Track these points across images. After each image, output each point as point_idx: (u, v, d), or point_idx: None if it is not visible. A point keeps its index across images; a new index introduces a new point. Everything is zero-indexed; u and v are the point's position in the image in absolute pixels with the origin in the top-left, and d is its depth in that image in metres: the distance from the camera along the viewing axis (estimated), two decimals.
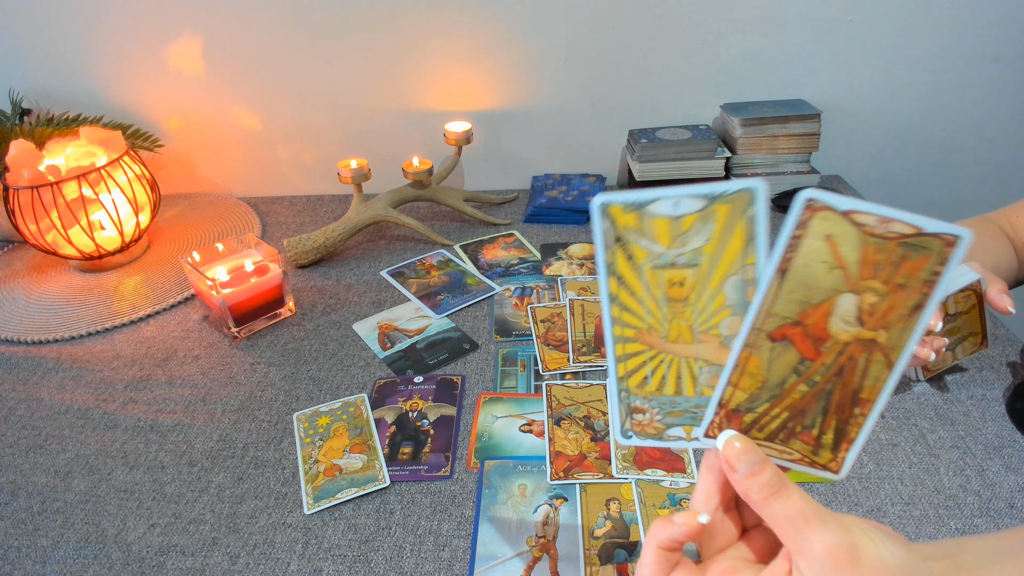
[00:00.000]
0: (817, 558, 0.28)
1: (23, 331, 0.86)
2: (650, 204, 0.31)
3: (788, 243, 0.30)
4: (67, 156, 0.95)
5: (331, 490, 0.60)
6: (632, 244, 0.32)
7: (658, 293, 0.33)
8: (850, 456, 0.33)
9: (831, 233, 0.30)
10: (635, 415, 0.35)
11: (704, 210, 0.31)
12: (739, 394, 0.33)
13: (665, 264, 0.32)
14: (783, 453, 0.33)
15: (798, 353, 0.32)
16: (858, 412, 0.32)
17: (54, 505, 0.61)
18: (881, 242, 0.29)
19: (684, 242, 0.32)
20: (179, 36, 1.06)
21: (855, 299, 0.30)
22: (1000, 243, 0.70)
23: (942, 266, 0.29)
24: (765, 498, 0.30)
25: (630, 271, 0.32)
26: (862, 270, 0.30)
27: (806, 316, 0.31)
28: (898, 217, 0.29)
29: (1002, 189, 1.17)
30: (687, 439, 0.35)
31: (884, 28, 1.03)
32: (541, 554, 0.53)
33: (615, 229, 0.32)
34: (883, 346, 0.31)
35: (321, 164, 1.18)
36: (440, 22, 1.04)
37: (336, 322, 0.84)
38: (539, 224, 1.05)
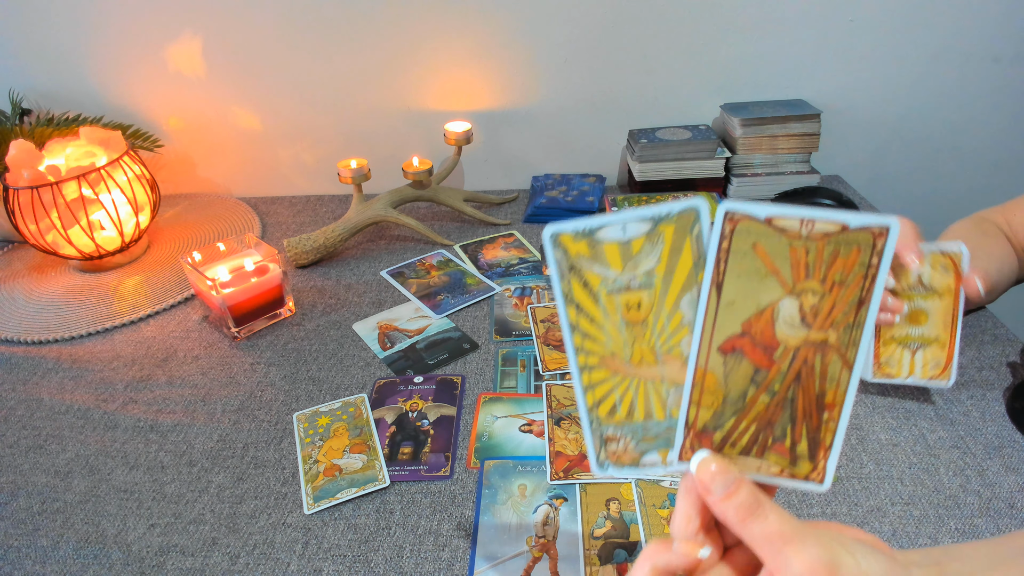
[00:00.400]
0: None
1: (23, 331, 0.86)
2: (599, 231, 0.32)
3: (716, 257, 0.30)
4: (67, 156, 0.95)
5: (331, 490, 0.60)
6: (586, 271, 0.32)
7: (616, 318, 0.33)
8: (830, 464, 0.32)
9: (756, 241, 0.30)
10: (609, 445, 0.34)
11: (651, 232, 0.31)
12: (703, 412, 0.33)
13: (620, 288, 0.33)
14: (761, 468, 0.33)
15: (751, 364, 0.32)
16: (827, 417, 0.32)
17: (54, 505, 0.61)
18: (808, 243, 0.30)
19: (636, 265, 0.32)
20: (179, 36, 1.06)
21: (795, 302, 0.31)
22: (1000, 244, 0.70)
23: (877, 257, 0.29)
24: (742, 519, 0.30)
25: (587, 298, 0.33)
26: (795, 273, 0.30)
27: (750, 326, 0.31)
28: (819, 217, 0.29)
29: (1002, 189, 1.17)
30: (663, 463, 0.34)
31: (884, 28, 1.03)
32: (541, 554, 0.53)
33: (568, 258, 0.32)
34: (835, 346, 0.31)
35: (321, 164, 1.18)
36: (440, 22, 1.04)
37: (336, 322, 0.84)
38: (539, 224, 1.05)
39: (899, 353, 0.63)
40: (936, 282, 0.59)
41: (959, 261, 0.58)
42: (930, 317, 0.60)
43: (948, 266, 0.58)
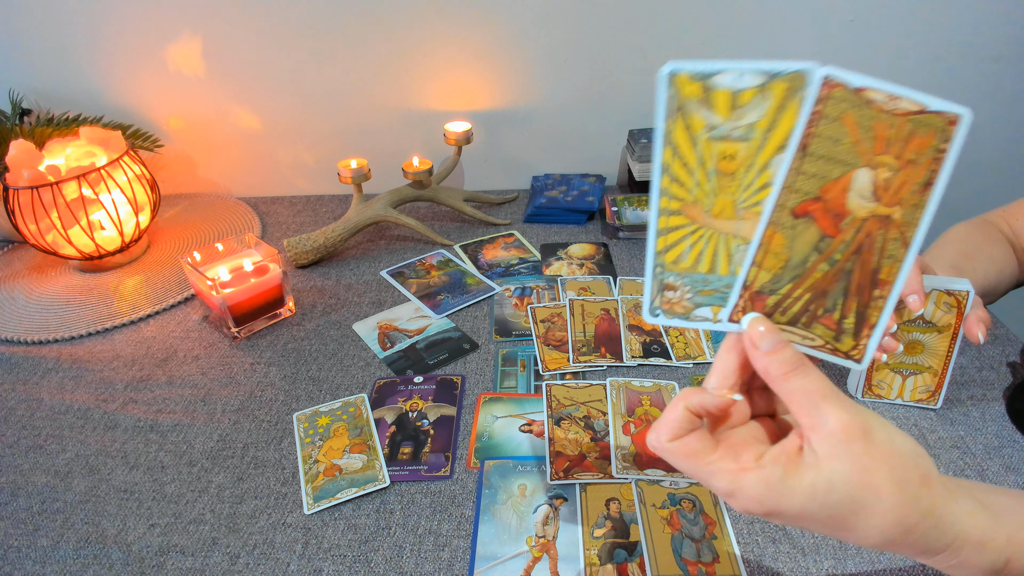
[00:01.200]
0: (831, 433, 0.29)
1: (23, 331, 0.86)
2: (715, 75, 0.32)
3: (808, 119, 0.31)
4: (67, 156, 0.95)
5: (331, 490, 0.60)
6: (692, 114, 0.33)
7: (709, 165, 0.33)
8: (872, 343, 0.33)
9: (846, 109, 0.31)
10: (666, 292, 0.35)
11: (763, 86, 0.32)
12: (763, 275, 0.34)
13: (720, 136, 0.33)
14: (806, 339, 0.34)
15: (819, 230, 0.33)
16: (878, 294, 0.33)
17: (54, 505, 0.61)
18: (891, 118, 0.31)
19: (741, 115, 0.32)
20: (179, 36, 1.06)
21: (870, 174, 0.31)
22: (1002, 248, 0.70)
23: (947, 143, 0.30)
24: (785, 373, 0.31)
25: (686, 140, 0.33)
26: (875, 145, 0.31)
27: (826, 191, 0.32)
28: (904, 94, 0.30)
29: (1003, 189, 1.17)
30: (713, 320, 0.35)
31: (884, 28, 1.03)
32: (541, 554, 0.53)
33: (678, 98, 0.33)
34: (898, 223, 0.32)
35: (321, 164, 1.18)
36: (440, 22, 1.03)
37: (336, 322, 0.84)
38: (539, 224, 1.05)
39: (890, 377, 0.64)
40: (937, 319, 0.59)
41: (963, 301, 0.57)
42: (926, 348, 0.61)
43: (952, 304, 0.58)
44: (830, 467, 0.30)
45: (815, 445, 0.30)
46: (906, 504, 0.30)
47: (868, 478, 0.29)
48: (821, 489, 0.29)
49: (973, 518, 0.31)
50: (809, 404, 0.31)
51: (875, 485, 0.29)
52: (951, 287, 0.57)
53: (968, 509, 0.31)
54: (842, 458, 0.29)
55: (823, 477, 0.29)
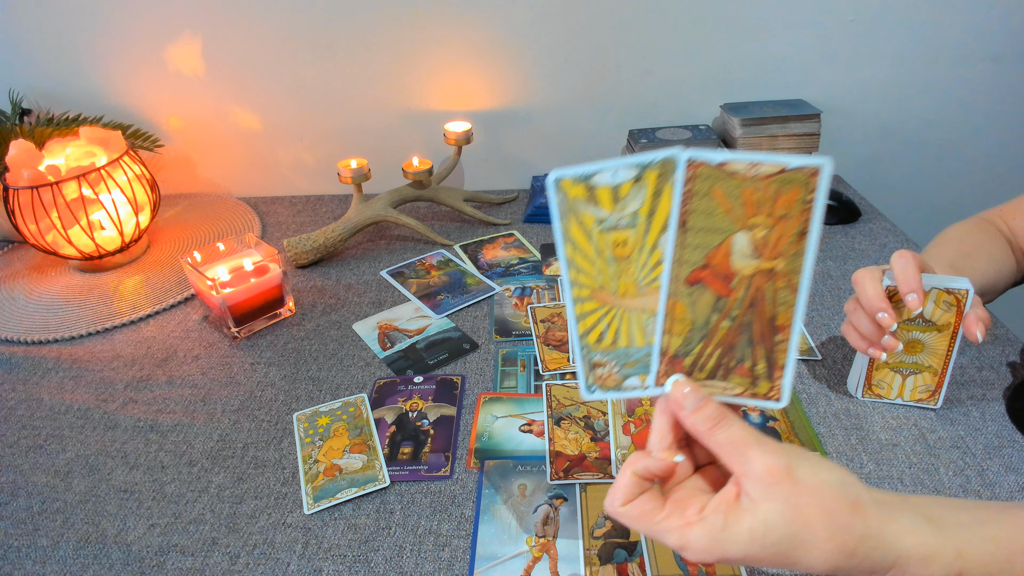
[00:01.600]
0: (759, 477, 0.32)
1: (23, 331, 0.86)
2: (593, 176, 0.36)
3: (681, 200, 0.35)
4: (67, 156, 0.95)
5: (331, 490, 0.60)
6: (581, 212, 0.37)
7: (606, 254, 0.37)
8: (786, 382, 0.37)
9: (713, 184, 0.35)
10: (596, 370, 0.39)
11: (637, 177, 0.36)
12: (675, 340, 0.37)
13: (609, 227, 0.37)
14: (727, 390, 0.37)
15: (713, 293, 0.36)
16: (780, 339, 0.37)
17: (54, 505, 0.61)
18: (756, 183, 0.34)
19: (624, 206, 0.36)
20: (179, 36, 1.06)
21: (747, 235, 0.35)
22: (1000, 246, 0.70)
23: (812, 194, 0.34)
24: (710, 429, 0.34)
25: (581, 235, 0.37)
26: (746, 210, 0.35)
27: (711, 258, 0.36)
28: (763, 159, 0.34)
29: (1002, 189, 1.17)
30: (642, 387, 0.38)
31: (884, 28, 1.03)
32: (541, 554, 0.53)
33: (567, 200, 0.36)
34: (783, 273, 0.36)
35: (321, 164, 1.18)
36: (440, 22, 1.04)
37: (336, 322, 0.84)
38: (539, 224, 1.05)
39: (890, 376, 0.64)
40: (937, 317, 0.59)
41: (963, 300, 0.57)
42: (926, 347, 0.61)
43: (952, 303, 0.58)
44: (764, 509, 0.32)
45: (748, 490, 0.32)
46: (840, 532, 0.31)
47: (799, 514, 0.31)
48: (759, 531, 0.32)
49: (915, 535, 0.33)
50: (736, 453, 0.33)
51: (807, 519, 0.31)
52: (951, 286, 0.57)
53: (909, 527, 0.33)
54: (773, 499, 0.32)
55: (759, 520, 0.32)
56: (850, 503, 0.32)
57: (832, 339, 0.76)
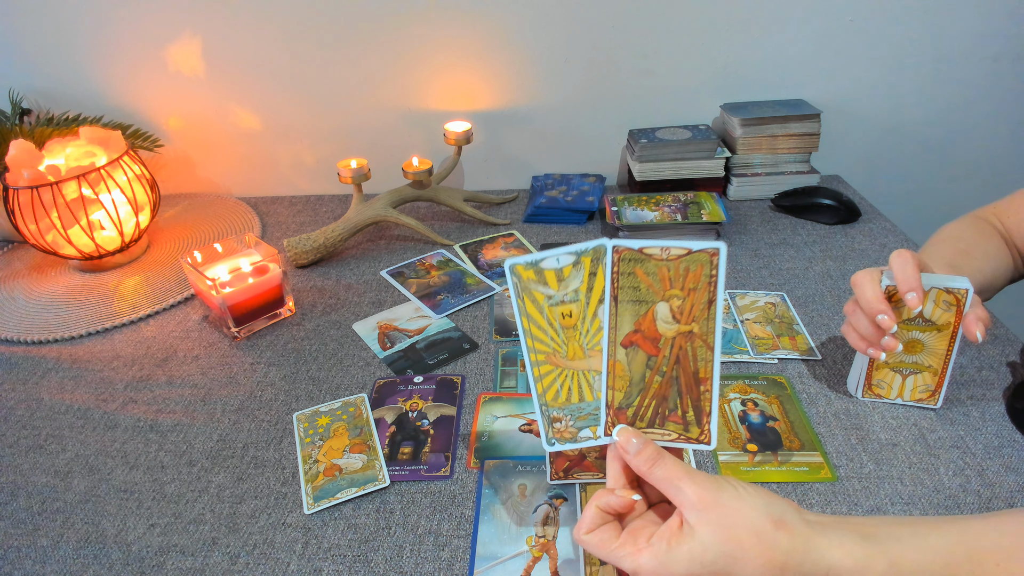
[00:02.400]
0: (693, 505, 0.37)
1: (23, 331, 0.86)
2: (541, 261, 0.44)
3: (611, 279, 0.43)
4: (67, 156, 0.95)
5: (331, 490, 0.60)
6: (533, 290, 0.45)
7: (556, 324, 0.45)
8: (713, 427, 0.44)
9: (635, 265, 0.43)
10: (555, 424, 0.46)
11: (575, 262, 0.44)
12: (617, 394, 0.44)
13: (557, 302, 0.45)
14: (664, 436, 0.44)
15: (645, 353, 0.44)
16: (703, 389, 0.44)
17: (54, 505, 0.61)
18: (668, 263, 0.42)
19: (566, 285, 0.44)
20: (179, 36, 1.06)
21: (667, 305, 0.43)
22: (997, 244, 0.70)
23: (715, 270, 0.42)
24: (649, 467, 0.40)
25: (535, 310, 0.45)
26: (663, 284, 0.43)
27: (640, 324, 0.43)
28: (673, 245, 0.42)
29: (1002, 188, 1.16)
30: (595, 438, 0.45)
31: (884, 28, 1.03)
32: (541, 554, 0.53)
33: (521, 282, 0.44)
34: (699, 334, 0.43)
35: (321, 164, 1.18)
36: (440, 22, 1.04)
37: (336, 322, 0.84)
38: (539, 224, 1.05)
39: (890, 376, 0.64)
40: (937, 317, 0.59)
41: (963, 299, 0.57)
42: (926, 347, 0.61)
43: (951, 303, 0.58)
44: (700, 532, 0.36)
45: (687, 518, 0.37)
46: (768, 548, 0.35)
47: (730, 534, 0.36)
48: (698, 552, 0.36)
49: (843, 547, 0.35)
50: (671, 486, 0.38)
51: (738, 538, 0.35)
52: (950, 285, 0.57)
53: (837, 541, 0.36)
54: (706, 523, 0.36)
55: (697, 543, 0.36)
56: (774, 521, 0.36)
57: (832, 339, 0.76)
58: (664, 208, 0.99)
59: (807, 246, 0.95)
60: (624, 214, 0.99)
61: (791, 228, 1.00)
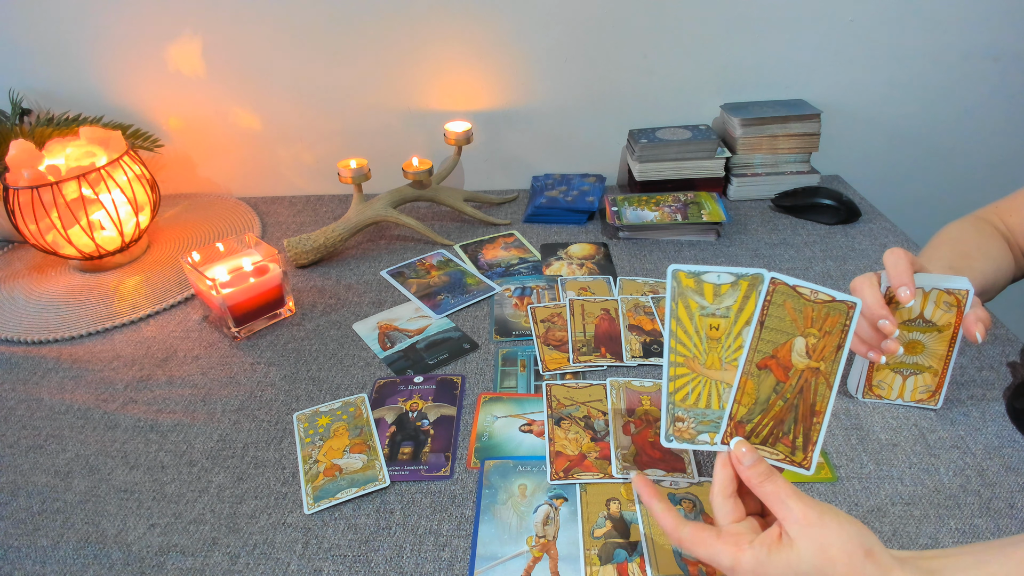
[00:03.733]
0: (796, 520, 0.41)
1: (23, 331, 0.86)
2: (704, 274, 0.47)
3: (762, 306, 0.47)
4: (67, 156, 0.95)
5: (331, 490, 0.60)
6: (689, 298, 0.48)
7: (702, 333, 0.48)
8: (815, 455, 0.48)
9: (786, 299, 0.46)
10: (676, 423, 0.49)
11: (734, 282, 0.47)
12: (742, 409, 0.48)
13: (708, 314, 0.48)
14: (773, 454, 0.48)
15: (775, 378, 0.47)
16: (816, 420, 0.47)
17: (54, 505, 0.61)
18: (815, 304, 0.46)
19: (721, 301, 0.47)
20: (179, 36, 1.06)
21: (804, 340, 0.47)
22: (997, 244, 0.70)
23: (849, 321, 0.46)
24: (761, 481, 0.43)
25: (686, 316, 0.48)
26: (805, 322, 0.47)
27: (777, 352, 0.47)
28: (822, 290, 0.46)
29: (1002, 188, 1.16)
30: (711, 443, 0.48)
31: (884, 28, 1.03)
32: (541, 554, 0.53)
33: (680, 287, 0.48)
34: (824, 372, 0.47)
35: (321, 164, 1.18)
36: (440, 22, 1.04)
37: (336, 322, 0.84)
38: (539, 224, 1.05)
39: (891, 377, 0.64)
40: (937, 318, 0.59)
41: (963, 300, 0.57)
42: (926, 348, 0.61)
43: (952, 304, 0.58)
44: (799, 546, 0.40)
45: (788, 530, 0.41)
46: (855, 570, 0.39)
47: (825, 553, 0.39)
48: (794, 562, 0.40)
49: None
50: (779, 501, 0.42)
51: (831, 557, 0.39)
52: (951, 286, 0.57)
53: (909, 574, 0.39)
54: (806, 539, 0.40)
55: (795, 554, 0.40)
56: (865, 550, 0.40)
57: None
58: (664, 208, 0.99)
59: (807, 246, 0.95)
60: (624, 214, 0.99)
61: (791, 228, 1.00)
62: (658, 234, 0.98)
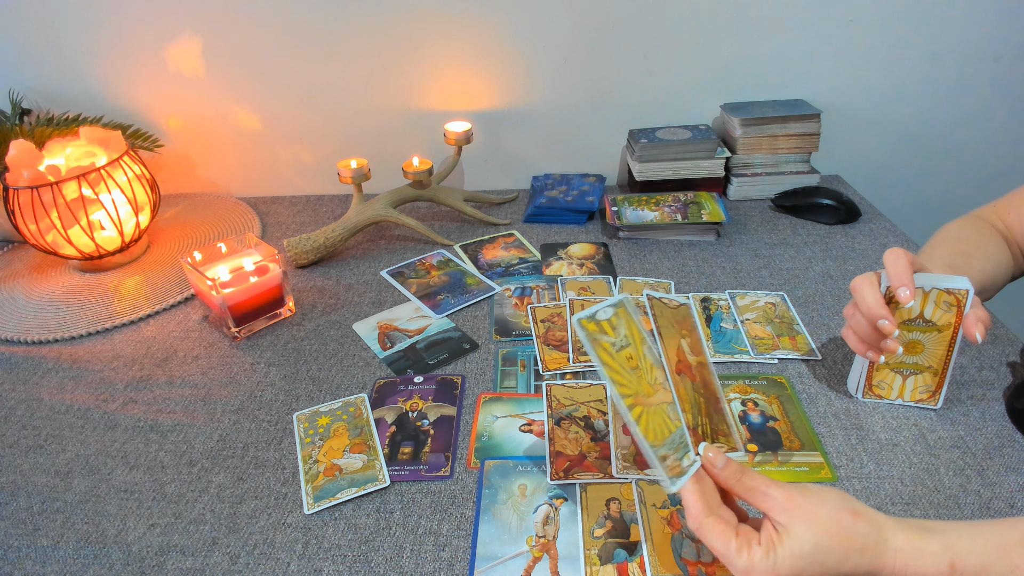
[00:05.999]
0: (782, 506, 0.42)
1: (23, 331, 0.86)
2: (596, 313, 0.47)
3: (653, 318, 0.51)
4: (67, 156, 0.95)
5: (331, 490, 0.60)
6: (600, 341, 0.47)
7: (626, 367, 0.47)
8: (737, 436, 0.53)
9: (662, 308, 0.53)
10: (665, 462, 0.46)
11: (615, 313, 0.48)
12: (688, 416, 0.49)
13: (619, 347, 0.47)
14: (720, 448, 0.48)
15: (688, 378, 0.51)
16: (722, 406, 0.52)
17: (54, 505, 0.61)
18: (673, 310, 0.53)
19: (618, 332, 0.48)
20: (179, 36, 1.06)
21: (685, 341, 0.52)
22: (997, 243, 0.70)
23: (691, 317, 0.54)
24: (738, 480, 0.44)
25: (608, 357, 0.47)
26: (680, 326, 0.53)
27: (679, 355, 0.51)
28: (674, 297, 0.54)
29: (1002, 188, 1.16)
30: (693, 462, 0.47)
31: (884, 28, 1.03)
32: (541, 554, 0.53)
33: (589, 334, 0.46)
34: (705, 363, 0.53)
35: (321, 164, 1.18)
36: (440, 22, 1.04)
37: (336, 322, 0.84)
38: (539, 224, 1.05)
39: (890, 377, 0.64)
40: (937, 318, 0.59)
41: (963, 300, 0.57)
42: (926, 348, 0.61)
43: (952, 303, 0.58)
44: (793, 529, 0.41)
45: (778, 520, 0.42)
46: (850, 533, 0.40)
47: (817, 526, 0.41)
48: (796, 547, 0.40)
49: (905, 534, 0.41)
50: (760, 494, 0.43)
51: (824, 528, 0.40)
52: (950, 286, 0.57)
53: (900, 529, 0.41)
54: (796, 520, 0.41)
55: (794, 539, 0.41)
56: (852, 512, 0.41)
57: (832, 340, 0.76)
58: (664, 208, 0.99)
59: (807, 246, 0.95)
60: (624, 214, 0.98)
61: (791, 228, 1.00)
62: (658, 234, 0.98)
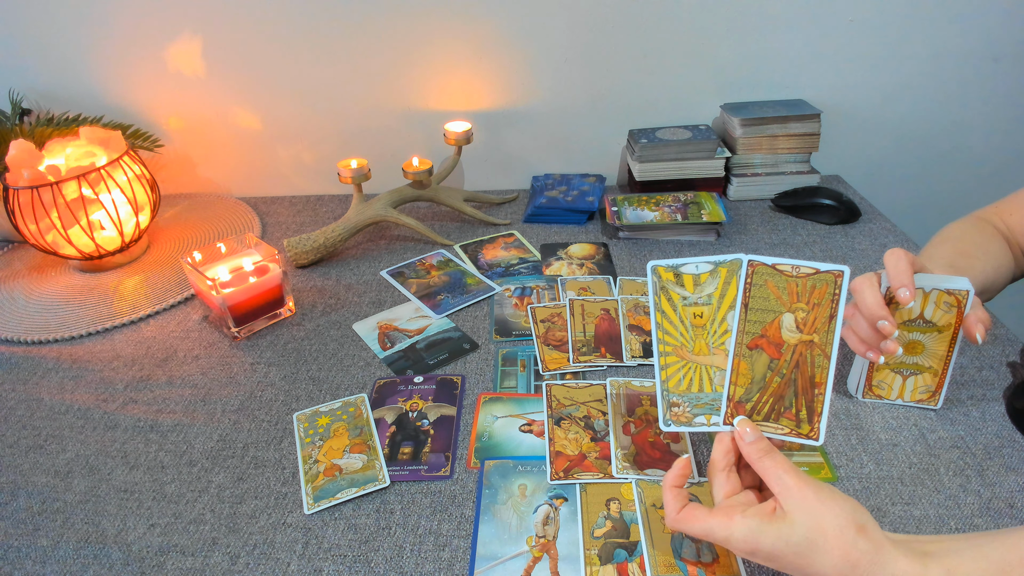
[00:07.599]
0: (792, 494, 0.42)
1: (23, 331, 0.86)
2: (681, 266, 0.50)
3: (744, 289, 0.49)
4: (67, 156, 0.95)
5: (331, 490, 0.60)
6: (671, 291, 0.51)
7: (687, 322, 0.51)
8: (822, 425, 0.48)
9: (767, 279, 0.48)
10: (672, 408, 0.51)
11: (713, 270, 0.50)
12: (739, 390, 0.50)
13: (690, 303, 0.50)
14: (777, 430, 0.49)
15: (768, 356, 0.49)
16: (817, 392, 0.48)
17: (54, 505, 0.61)
18: (797, 279, 0.48)
19: (702, 289, 0.50)
20: (179, 36, 1.06)
21: (792, 316, 0.48)
22: (998, 244, 0.70)
23: (838, 290, 0.47)
24: (760, 457, 0.45)
25: (669, 308, 0.51)
26: (791, 298, 0.48)
27: (766, 331, 0.49)
28: (802, 264, 0.48)
29: (1002, 189, 1.16)
30: (707, 424, 0.50)
31: (884, 28, 1.03)
32: (541, 554, 0.53)
33: (660, 281, 0.51)
34: (818, 344, 0.48)
35: (321, 164, 1.18)
36: (440, 22, 1.04)
37: (336, 322, 0.84)
38: (539, 224, 1.05)
39: (890, 377, 0.64)
40: (937, 318, 0.59)
41: (964, 300, 0.57)
42: (926, 348, 0.61)
43: (952, 304, 0.58)
44: (792, 518, 0.41)
45: (783, 504, 0.42)
46: (847, 544, 0.40)
47: (818, 524, 0.41)
48: (786, 534, 0.41)
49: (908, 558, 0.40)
50: (776, 477, 0.43)
51: (823, 530, 0.40)
52: (951, 286, 0.57)
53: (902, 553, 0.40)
54: (800, 512, 0.41)
55: (788, 526, 0.41)
56: (857, 526, 0.41)
57: None
58: (664, 208, 0.99)
59: (807, 246, 0.95)
60: (624, 214, 0.98)
61: (791, 228, 1.00)
62: (658, 234, 0.98)
